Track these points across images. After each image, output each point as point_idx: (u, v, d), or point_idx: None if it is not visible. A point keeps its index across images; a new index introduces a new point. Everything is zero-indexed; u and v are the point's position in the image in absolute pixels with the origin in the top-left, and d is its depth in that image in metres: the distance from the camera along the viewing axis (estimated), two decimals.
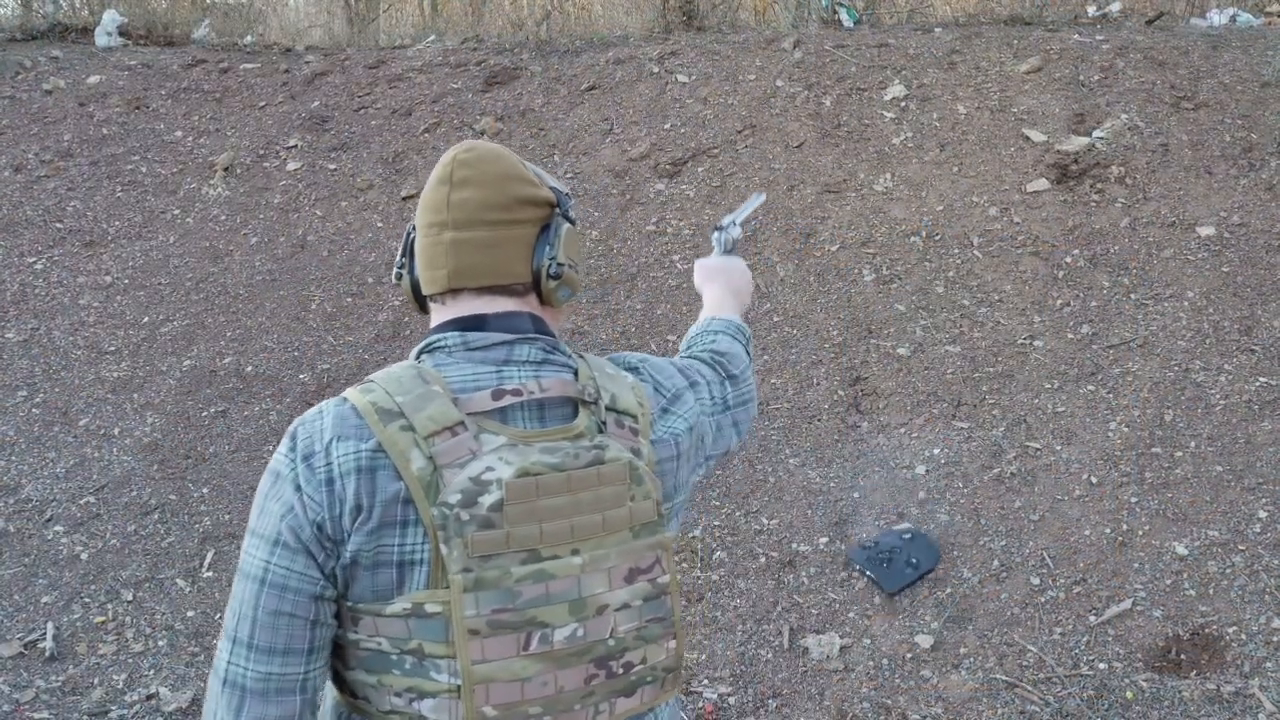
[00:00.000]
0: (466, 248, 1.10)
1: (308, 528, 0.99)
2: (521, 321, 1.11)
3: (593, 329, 4.85)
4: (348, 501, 0.98)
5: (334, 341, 4.99)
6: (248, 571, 1.01)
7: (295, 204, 5.94)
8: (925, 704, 2.96)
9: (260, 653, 0.99)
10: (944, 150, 5.40)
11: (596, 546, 1.04)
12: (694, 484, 1.27)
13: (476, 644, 0.97)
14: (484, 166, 1.11)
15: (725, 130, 5.82)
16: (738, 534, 3.74)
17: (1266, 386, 3.94)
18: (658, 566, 1.08)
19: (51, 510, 4.09)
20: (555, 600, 1.01)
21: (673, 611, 1.09)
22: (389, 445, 0.98)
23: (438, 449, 0.98)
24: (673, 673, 1.11)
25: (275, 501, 1.01)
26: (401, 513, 0.98)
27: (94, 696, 3.17)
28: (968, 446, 3.95)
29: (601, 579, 1.03)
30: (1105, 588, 3.30)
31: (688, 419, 1.21)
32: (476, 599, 0.97)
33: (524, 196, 1.12)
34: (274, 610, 0.98)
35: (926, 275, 4.78)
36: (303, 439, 1.02)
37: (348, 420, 1.01)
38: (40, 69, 7.34)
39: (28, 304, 5.41)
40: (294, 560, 0.99)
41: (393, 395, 1.01)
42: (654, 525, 1.09)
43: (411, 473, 0.97)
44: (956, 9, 7.97)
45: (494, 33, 8.58)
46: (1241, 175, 4.91)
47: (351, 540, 0.98)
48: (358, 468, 0.98)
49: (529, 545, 1.00)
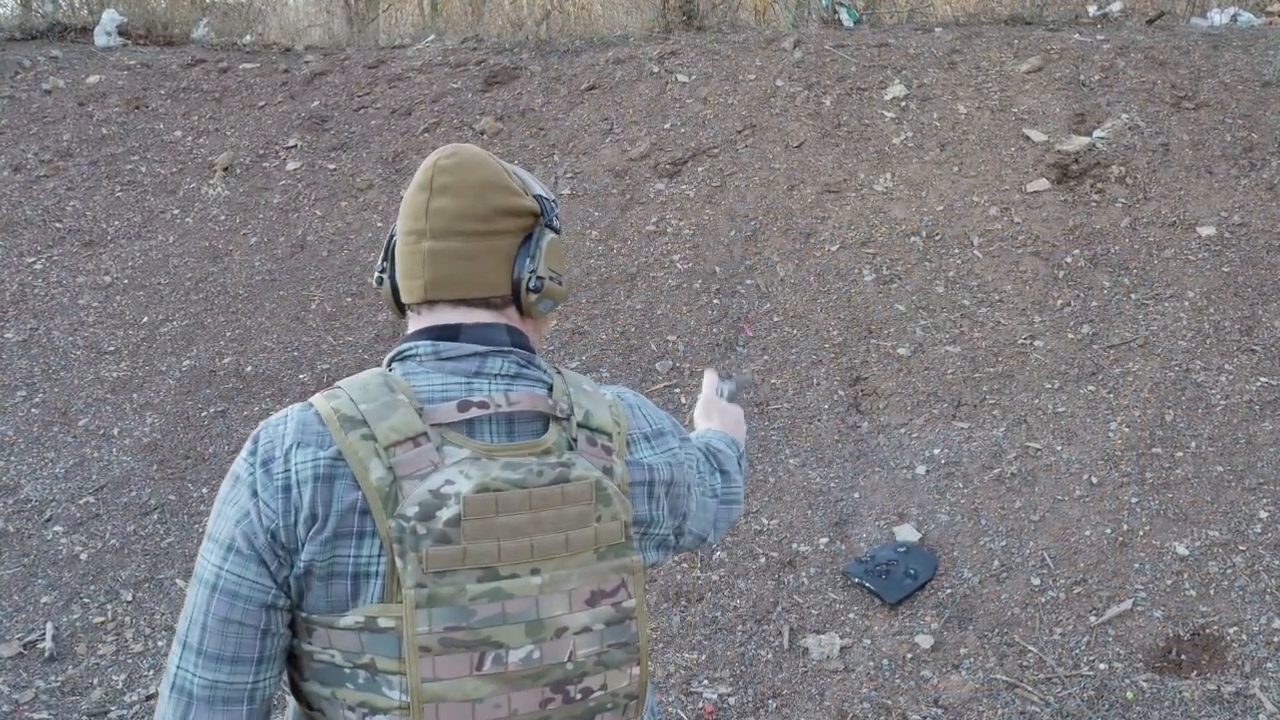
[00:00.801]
0: (443, 258, 1.08)
1: (262, 535, 0.97)
2: (497, 334, 1.09)
3: (593, 329, 4.84)
4: (303, 510, 0.96)
5: (334, 341, 4.98)
6: (201, 576, 0.99)
7: (295, 204, 5.94)
8: (925, 704, 2.95)
9: (209, 659, 0.97)
10: (944, 150, 5.40)
11: (558, 567, 1.01)
12: (671, 542, 1.23)
13: (428, 661, 0.95)
14: (464, 174, 1.09)
15: (725, 130, 5.82)
16: (738, 534, 3.74)
17: (1267, 386, 3.94)
18: (623, 590, 1.05)
19: (51, 510, 4.09)
20: (511, 620, 0.98)
21: (637, 637, 1.06)
22: (349, 453, 0.96)
23: (398, 459, 0.96)
24: (635, 700, 1.07)
25: (231, 506, 0.99)
26: (358, 523, 0.96)
27: (93, 697, 3.17)
28: (968, 446, 3.95)
29: (561, 600, 1.01)
30: (1105, 588, 3.30)
31: (667, 459, 1.17)
32: (429, 615, 0.95)
33: (505, 207, 1.10)
34: (224, 617, 0.97)
35: (926, 275, 4.78)
36: (264, 443, 1.00)
37: (309, 426, 1.00)
38: (40, 69, 7.34)
39: (27, 304, 5.41)
40: (246, 567, 0.97)
41: (357, 403, 0.99)
42: (621, 548, 1.06)
43: (370, 482, 0.95)
44: (956, 9, 7.97)
45: (494, 32, 8.58)
46: (1242, 175, 4.91)
47: (305, 549, 0.96)
48: (315, 475, 0.97)
49: (486, 563, 0.97)
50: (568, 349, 4.76)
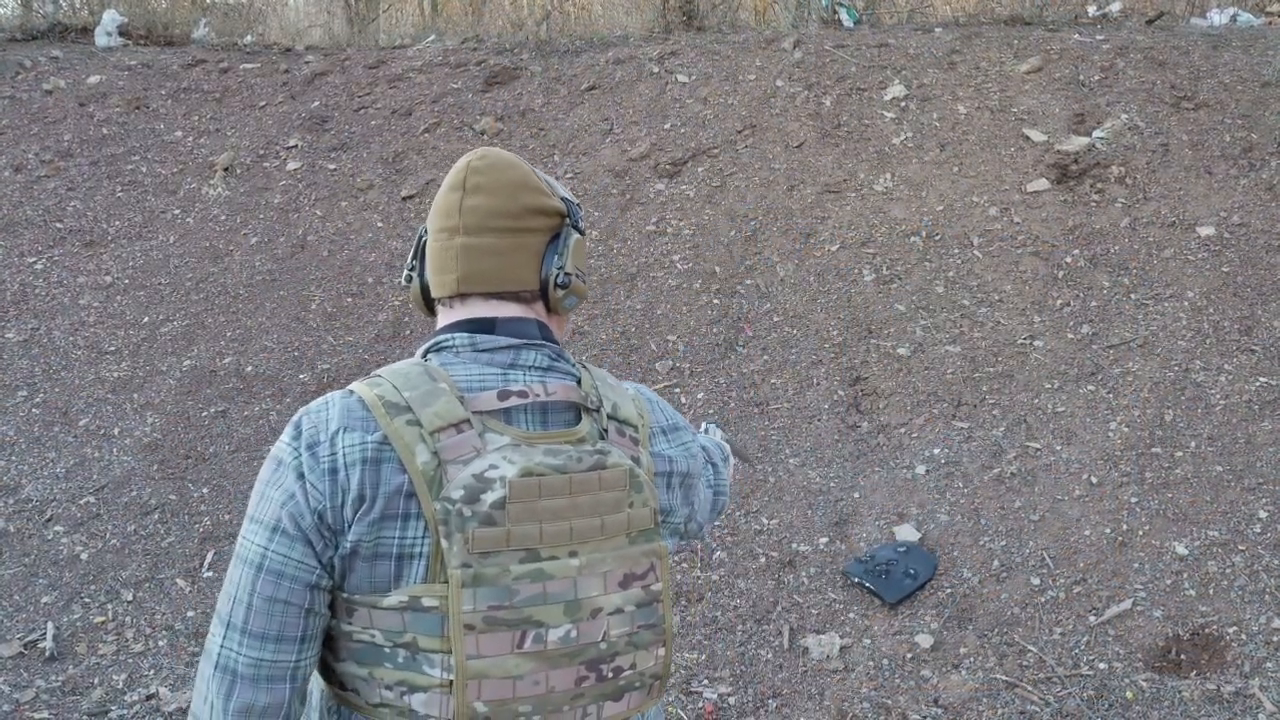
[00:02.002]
0: (477, 253, 1.12)
1: (308, 516, 0.99)
2: (529, 327, 1.13)
3: (593, 329, 4.85)
4: (351, 491, 0.99)
5: (334, 341, 4.99)
6: (245, 556, 1.01)
7: (295, 204, 5.94)
8: (925, 704, 2.96)
9: (253, 638, 0.99)
10: (944, 150, 5.40)
11: (594, 550, 1.05)
12: (682, 530, 1.28)
13: (472, 639, 0.98)
14: (497, 174, 1.13)
15: (725, 130, 5.82)
16: (738, 534, 3.74)
17: (1266, 386, 3.94)
18: (652, 574, 1.09)
19: (51, 510, 4.09)
20: (551, 600, 1.02)
21: (664, 619, 1.10)
22: (395, 438, 0.99)
23: (443, 444, 0.99)
24: (660, 680, 1.12)
25: (276, 488, 1.01)
26: (404, 506, 0.99)
27: (94, 696, 3.17)
28: (968, 446, 3.95)
29: (597, 582, 1.05)
30: (1105, 588, 3.30)
31: (683, 452, 1.23)
32: (474, 594, 0.98)
33: (535, 206, 1.14)
34: (269, 596, 0.99)
35: (926, 275, 4.78)
36: (308, 428, 1.03)
37: (354, 412, 1.03)
38: (40, 69, 7.34)
39: (28, 304, 5.41)
40: (292, 548, 0.99)
41: (400, 390, 1.02)
42: (650, 533, 1.10)
43: (416, 466, 0.98)
44: (956, 9, 7.97)
45: (494, 33, 8.58)
46: (1241, 175, 4.91)
47: (352, 530, 0.99)
48: (363, 458, 1.00)
49: (528, 544, 1.01)
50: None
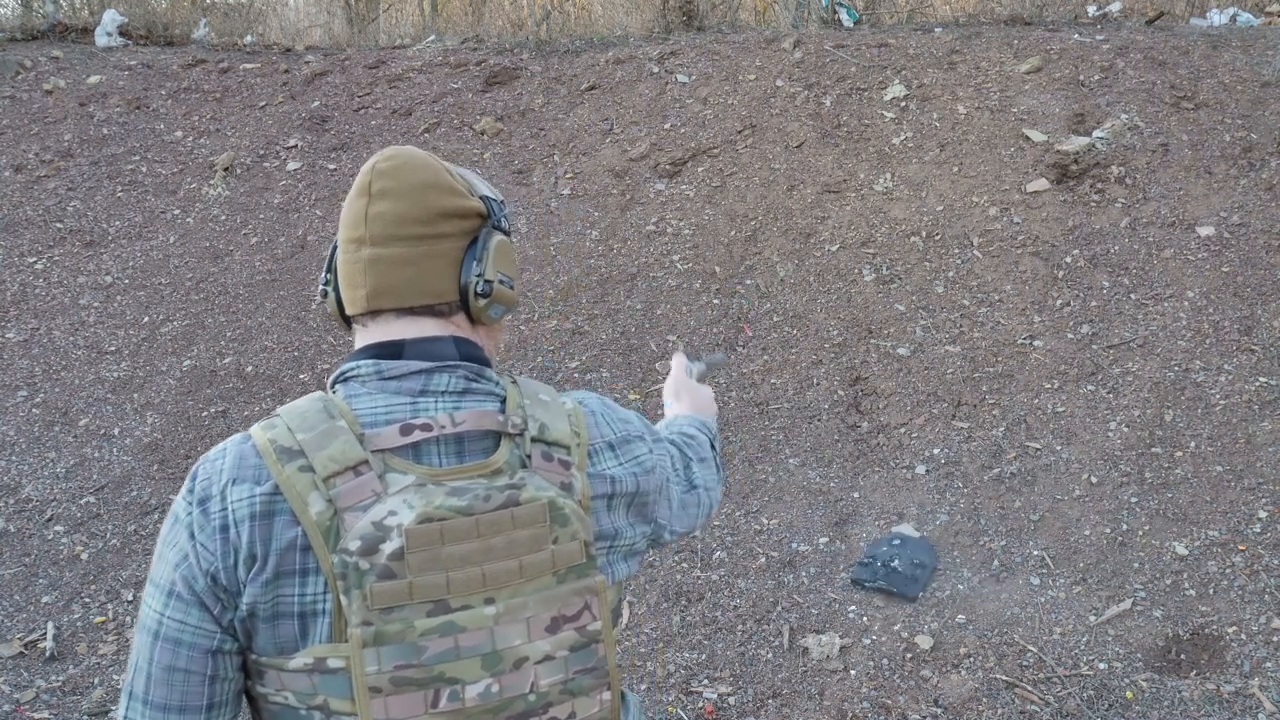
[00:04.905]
0: (385, 265, 1.02)
1: (201, 579, 0.92)
2: (442, 347, 1.03)
3: (593, 329, 4.85)
4: (242, 550, 0.91)
5: (334, 341, 4.99)
6: (143, 623, 0.95)
7: (295, 204, 5.94)
8: (925, 704, 2.96)
9: (155, 709, 0.93)
10: (944, 150, 5.40)
11: (513, 595, 0.96)
12: (641, 548, 1.18)
13: (379, 702, 0.90)
14: (404, 176, 1.04)
15: (725, 130, 5.82)
16: (738, 534, 3.74)
17: (1266, 386, 3.94)
18: (587, 613, 1.00)
19: (52, 510, 4.09)
20: (466, 655, 0.94)
21: (605, 660, 1.01)
22: (286, 487, 0.91)
23: (338, 491, 0.91)
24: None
25: (171, 548, 0.94)
26: (300, 560, 0.91)
27: (94, 696, 3.17)
28: (968, 446, 3.95)
29: (519, 629, 0.96)
30: (1105, 587, 3.30)
31: (633, 469, 1.11)
32: (378, 654, 0.90)
33: (448, 208, 1.04)
34: (168, 666, 0.93)
35: (926, 275, 4.78)
36: (201, 480, 0.96)
37: (246, 460, 0.95)
38: (40, 69, 7.34)
39: (28, 304, 5.41)
40: (188, 613, 0.93)
41: (294, 432, 0.94)
42: (582, 568, 1.00)
43: (310, 517, 0.91)
44: (956, 9, 7.97)
45: (494, 33, 8.58)
46: (1241, 175, 4.91)
47: (247, 591, 0.91)
48: (252, 513, 0.92)
49: (435, 596, 0.92)
50: (568, 349, 4.77)
